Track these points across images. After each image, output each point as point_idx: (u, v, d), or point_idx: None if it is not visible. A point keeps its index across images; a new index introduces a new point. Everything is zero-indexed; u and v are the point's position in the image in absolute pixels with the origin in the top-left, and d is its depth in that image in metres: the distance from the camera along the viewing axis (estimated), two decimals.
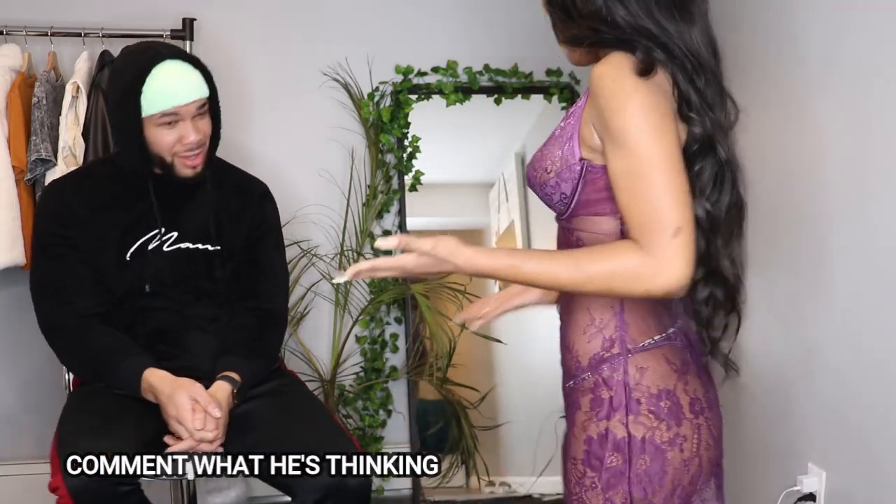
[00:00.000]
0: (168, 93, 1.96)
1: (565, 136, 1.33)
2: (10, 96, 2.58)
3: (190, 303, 2.10)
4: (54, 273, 2.03)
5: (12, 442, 2.90)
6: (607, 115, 1.23)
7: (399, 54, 3.01)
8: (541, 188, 1.36)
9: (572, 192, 1.32)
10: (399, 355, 3.03)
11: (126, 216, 2.07)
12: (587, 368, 1.35)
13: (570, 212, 1.34)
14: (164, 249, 2.08)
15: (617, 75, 1.23)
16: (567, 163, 1.31)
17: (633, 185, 1.22)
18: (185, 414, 1.89)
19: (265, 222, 2.22)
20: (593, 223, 1.33)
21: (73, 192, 2.07)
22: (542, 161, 1.35)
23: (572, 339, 1.38)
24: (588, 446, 1.34)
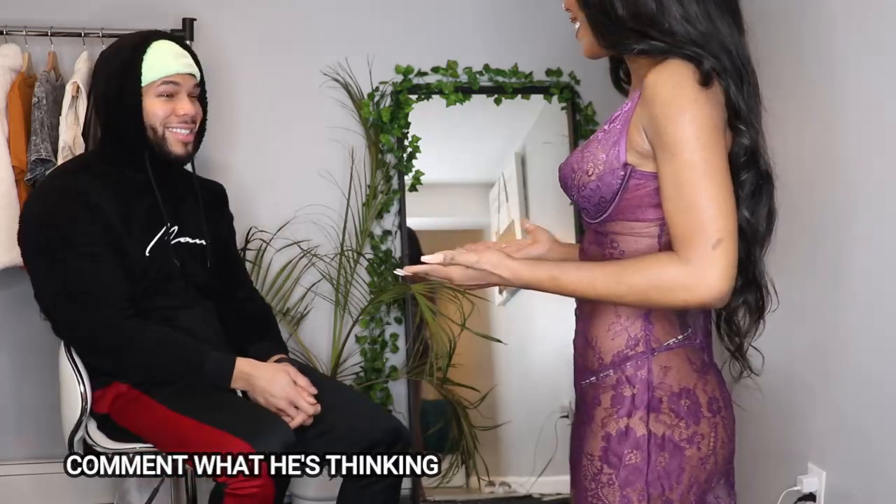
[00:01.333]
0: (168, 62, 2.06)
1: (610, 139, 1.32)
2: (10, 96, 2.58)
3: (193, 298, 2.15)
4: (94, 274, 1.98)
5: (12, 442, 2.90)
6: (662, 122, 1.24)
7: (399, 54, 3.01)
8: (578, 190, 1.35)
9: (612, 197, 1.31)
10: (399, 355, 3.03)
11: (139, 212, 2.07)
12: (610, 365, 1.36)
13: (608, 216, 1.33)
14: (171, 243, 2.10)
15: (676, 83, 1.24)
16: (611, 166, 1.30)
17: (679, 194, 1.23)
18: (295, 393, 2.02)
19: (231, 221, 2.38)
20: (631, 228, 1.33)
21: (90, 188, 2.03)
22: (582, 163, 1.34)
23: (595, 336, 1.39)
24: (607, 443, 1.35)
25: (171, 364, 2.02)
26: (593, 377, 1.39)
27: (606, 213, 1.33)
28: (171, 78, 2.05)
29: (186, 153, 2.12)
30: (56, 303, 2.03)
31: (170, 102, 2.07)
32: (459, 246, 1.43)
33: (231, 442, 1.86)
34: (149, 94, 2.05)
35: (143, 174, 2.10)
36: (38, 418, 2.85)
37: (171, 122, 2.07)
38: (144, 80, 2.04)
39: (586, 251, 1.43)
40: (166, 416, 1.99)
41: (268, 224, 2.92)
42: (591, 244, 1.40)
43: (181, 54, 2.10)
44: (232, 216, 2.39)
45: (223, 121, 2.84)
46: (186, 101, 2.09)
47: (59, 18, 2.73)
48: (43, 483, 2.87)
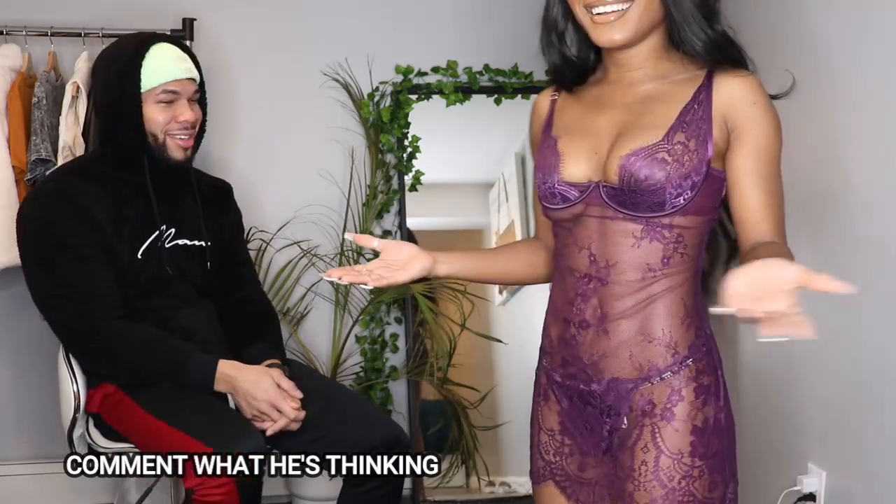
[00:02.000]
0: (167, 67, 2.04)
1: (697, 139, 1.35)
2: (10, 96, 2.58)
3: (193, 298, 2.15)
4: (85, 276, 2.00)
5: (12, 442, 2.90)
6: (763, 122, 1.35)
7: (399, 54, 3.01)
8: (660, 184, 1.34)
9: (694, 193, 1.34)
10: (399, 355, 3.03)
11: (131, 214, 2.08)
12: (688, 356, 1.38)
13: (680, 209, 1.35)
14: (167, 246, 2.10)
15: (761, 86, 1.37)
16: (696, 167, 1.34)
17: (773, 188, 1.35)
18: (278, 397, 2.00)
19: (238, 220, 2.35)
20: (695, 221, 1.37)
21: (82, 191, 2.04)
22: (667, 162, 1.34)
23: (665, 329, 1.38)
24: (696, 436, 1.37)
25: (155, 365, 2.02)
26: (666, 373, 1.38)
27: (680, 206, 1.34)
28: (170, 85, 2.04)
29: (186, 158, 2.12)
30: (45, 303, 2.04)
31: (170, 108, 2.06)
32: (459, 246, 1.45)
33: (198, 448, 1.87)
34: (148, 101, 2.04)
35: (140, 176, 2.10)
36: (37, 418, 2.85)
37: (172, 129, 2.07)
38: (144, 87, 2.03)
39: (616, 247, 1.39)
40: (144, 419, 2.00)
41: (268, 224, 2.92)
42: (649, 238, 1.37)
43: (180, 58, 2.08)
44: (239, 214, 2.37)
45: (223, 121, 2.84)
46: (186, 108, 2.08)
47: (58, 18, 2.72)
48: (43, 483, 2.87)
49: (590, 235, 1.41)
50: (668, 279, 1.37)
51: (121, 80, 2.03)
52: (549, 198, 1.43)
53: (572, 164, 1.41)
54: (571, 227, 1.44)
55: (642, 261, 1.37)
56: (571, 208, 1.41)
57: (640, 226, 1.36)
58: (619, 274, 1.38)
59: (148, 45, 2.05)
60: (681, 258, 1.37)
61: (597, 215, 1.40)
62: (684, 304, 1.39)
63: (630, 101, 1.41)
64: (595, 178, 1.40)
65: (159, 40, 2.08)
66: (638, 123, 1.38)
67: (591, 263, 1.40)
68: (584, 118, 1.45)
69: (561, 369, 1.47)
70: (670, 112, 1.36)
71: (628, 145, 1.36)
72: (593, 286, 1.40)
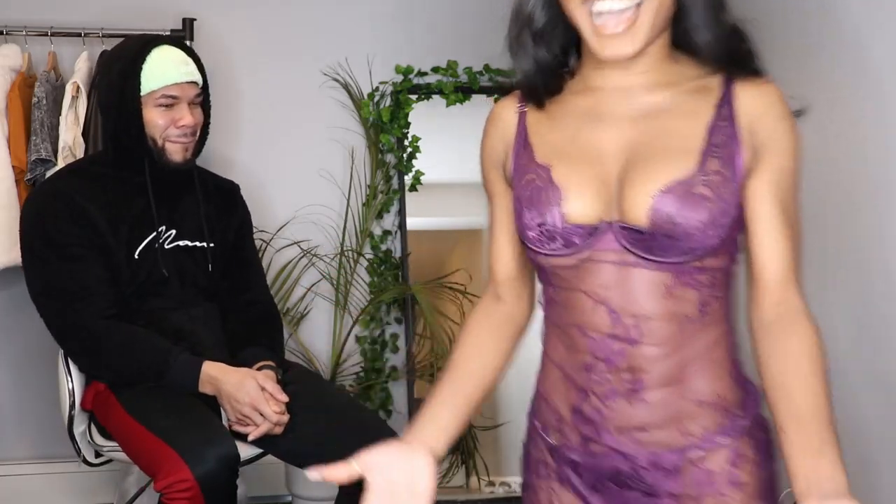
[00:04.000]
0: (168, 71, 2.03)
1: (731, 166, 1.12)
2: (10, 96, 2.58)
3: (193, 300, 2.15)
4: (74, 274, 2.01)
5: (13, 442, 2.90)
6: (792, 139, 1.14)
7: (399, 54, 3.01)
8: (702, 227, 1.10)
9: (730, 231, 1.12)
10: (399, 355, 3.03)
11: (129, 215, 2.08)
12: (741, 414, 1.19)
13: (716, 247, 1.12)
14: (166, 247, 2.10)
15: (784, 102, 1.15)
16: (733, 200, 1.12)
17: (791, 218, 1.13)
18: (262, 400, 1.98)
19: (245, 220, 2.33)
20: (726, 260, 1.16)
21: (78, 191, 2.06)
22: (707, 199, 1.10)
23: (715, 388, 1.17)
24: (765, 499, 1.23)
25: (136, 366, 2.02)
26: (722, 437, 1.17)
27: (714, 247, 1.11)
28: (170, 89, 2.04)
29: (185, 160, 2.11)
30: (39, 301, 2.06)
31: (170, 112, 2.05)
32: (459, 246, 1.37)
33: (167, 453, 1.87)
34: (148, 104, 2.04)
35: (141, 177, 2.10)
36: (39, 418, 2.85)
37: (171, 134, 2.06)
38: (143, 90, 2.03)
39: (644, 300, 1.14)
40: (124, 419, 2.01)
41: (268, 224, 2.92)
42: (673, 287, 1.13)
43: (182, 61, 2.07)
44: (247, 214, 2.35)
45: (223, 121, 2.84)
46: (186, 112, 2.06)
47: (58, 18, 2.73)
48: (44, 483, 2.87)
49: (604, 286, 1.15)
50: (708, 329, 1.16)
51: (121, 83, 2.03)
52: (544, 242, 1.16)
53: (577, 200, 1.14)
54: (574, 275, 1.17)
55: (678, 312, 1.14)
56: (578, 254, 1.15)
57: (670, 273, 1.13)
58: (653, 331, 1.13)
59: (149, 47, 2.04)
60: (717, 302, 1.16)
61: (611, 261, 1.14)
62: (728, 354, 1.18)
63: (635, 115, 1.16)
64: (607, 217, 1.13)
65: (162, 43, 2.07)
66: (656, 146, 1.13)
67: (614, 321, 1.14)
68: (577, 138, 1.18)
69: (581, 449, 1.20)
70: (694, 131, 1.13)
71: (656, 178, 1.10)
72: (620, 348, 1.14)
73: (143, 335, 2.03)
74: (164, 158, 2.08)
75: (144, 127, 2.04)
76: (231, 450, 1.91)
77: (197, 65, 2.11)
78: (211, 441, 1.90)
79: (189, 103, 2.08)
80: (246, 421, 2.00)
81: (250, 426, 1.99)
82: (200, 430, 1.93)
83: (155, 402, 2.00)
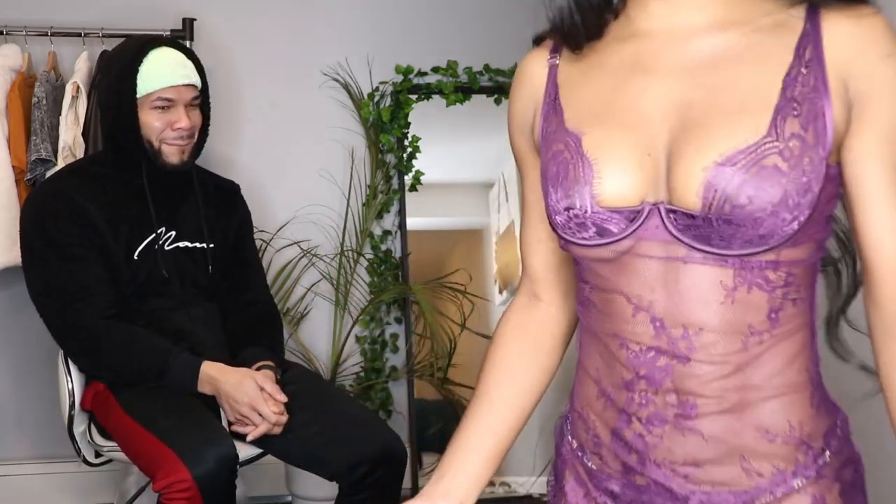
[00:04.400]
0: (164, 74, 2.03)
1: (815, 126, 0.86)
2: (10, 96, 2.58)
3: (193, 300, 2.15)
4: (74, 274, 2.01)
5: (13, 442, 2.90)
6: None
7: (399, 54, 3.01)
8: (772, 208, 0.85)
9: (812, 212, 0.86)
10: (399, 355, 3.03)
11: (129, 215, 2.08)
12: (825, 448, 0.96)
13: (791, 239, 0.87)
14: (167, 248, 2.10)
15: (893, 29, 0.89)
16: (817, 171, 0.86)
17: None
18: (260, 400, 1.97)
19: (246, 220, 2.34)
20: (808, 251, 0.91)
21: (78, 191, 2.06)
22: (781, 172, 0.85)
23: (790, 418, 0.94)
24: None
25: (136, 366, 2.02)
26: (799, 479, 0.95)
27: (792, 234, 0.86)
28: (166, 91, 2.03)
29: (182, 162, 2.10)
30: (39, 301, 2.06)
31: (166, 114, 2.04)
32: (459, 246, 1.09)
33: (165, 454, 1.87)
34: (144, 107, 2.04)
35: (140, 178, 2.10)
36: (39, 418, 2.85)
37: (168, 136, 2.06)
38: (139, 93, 2.02)
39: (697, 305, 0.91)
40: (122, 419, 2.01)
41: (268, 224, 2.92)
42: (735, 289, 0.90)
43: (180, 64, 2.06)
44: (248, 214, 2.35)
45: (223, 121, 2.84)
46: (183, 114, 2.06)
47: (59, 18, 2.73)
48: (44, 483, 2.87)
49: (648, 286, 0.92)
50: (781, 343, 0.92)
51: (118, 84, 2.03)
52: (574, 230, 0.93)
53: (614, 177, 0.91)
54: (612, 271, 0.94)
55: (740, 321, 0.90)
56: (615, 245, 0.92)
57: (732, 269, 0.89)
58: (707, 346, 0.91)
59: (147, 49, 2.03)
60: (793, 307, 0.92)
61: (658, 255, 0.91)
62: (809, 374, 0.95)
63: (691, 66, 0.91)
64: (652, 197, 0.90)
65: (161, 45, 2.07)
66: (715, 105, 0.88)
67: (658, 331, 0.92)
68: (616, 96, 0.94)
69: (622, 479, 0.99)
70: (766, 82, 0.87)
71: (713, 145, 0.86)
72: (665, 365, 0.93)
73: (143, 335, 2.03)
74: (161, 160, 2.08)
75: (140, 129, 2.04)
76: (230, 450, 1.91)
77: (197, 67, 2.11)
78: (210, 441, 1.90)
79: (186, 106, 2.07)
80: (245, 421, 2.00)
81: (249, 426, 1.99)
82: (199, 431, 1.93)
83: (154, 402, 2.00)
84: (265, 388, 2.00)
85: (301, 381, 2.15)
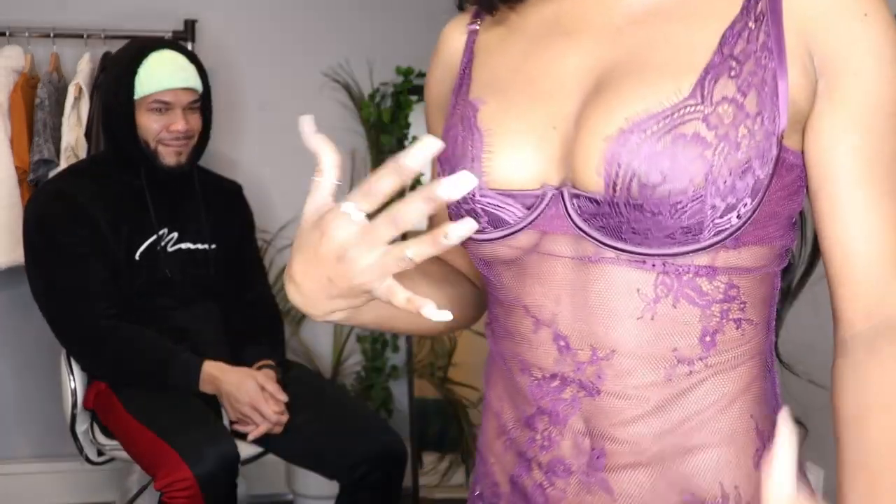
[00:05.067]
0: (162, 76, 2.03)
1: (760, 91, 0.67)
2: (12, 97, 2.59)
3: (196, 300, 2.16)
4: (76, 275, 2.02)
5: (16, 441, 2.91)
6: (885, 51, 0.68)
7: (399, 55, 3.02)
8: (694, 191, 0.66)
9: (757, 202, 0.68)
10: (400, 355, 3.04)
11: (130, 216, 2.09)
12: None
13: (733, 236, 0.68)
14: (169, 250, 2.11)
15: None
16: (762, 148, 0.67)
17: (890, 184, 0.70)
18: (261, 399, 1.99)
19: (248, 220, 2.35)
20: (760, 256, 0.72)
21: (81, 191, 2.07)
22: (705, 142, 0.66)
23: (724, 480, 0.74)
24: None
25: (137, 366, 2.04)
26: None
27: (732, 231, 0.68)
28: (162, 95, 2.04)
29: (179, 164, 2.11)
30: (41, 301, 2.07)
31: (163, 117, 2.05)
32: None
33: (167, 453, 1.89)
34: (141, 108, 2.05)
35: (141, 180, 2.11)
36: (42, 417, 2.86)
37: (164, 138, 2.07)
38: (136, 94, 2.03)
39: (610, 320, 0.71)
40: (124, 418, 2.03)
41: (269, 224, 2.93)
42: (657, 301, 0.70)
43: (180, 68, 2.06)
44: (250, 214, 2.37)
45: (225, 121, 2.85)
46: (179, 118, 2.06)
47: (61, 20, 2.74)
48: (46, 482, 2.88)
49: (552, 295, 0.73)
50: (718, 377, 0.73)
51: (117, 87, 2.05)
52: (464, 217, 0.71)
53: (508, 152, 0.73)
54: (514, 277, 0.76)
55: (663, 344, 0.71)
56: (512, 239, 0.73)
57: (654, 274, 0.70)
58: (620, 375, 0.72)
59: (147, 51, 2.04)
60: (737, 331, 0.73)
61: (566, 254, 0.72)
62: (754, 421, 0.77)
63: (618, 24, 0.74)
64: (556, 180, 0.72)
65: (164, 47, 2.07)
66: (637, 63, 0.71)
67: (563, 353, 0.73)
68: (528, 60, 0.77)
69: None
70: (701, 37, 0.70)
71: (619, 110, 0.68)
72: (571, 398, 0.73)
73: (145, 335, 2.04)
74: (157, 162, 2.08)
75: (138, 130, 2.05)
76: (231, 449, 1.92)
77: (199, 71, 2.11)
78: (211, 440, 1.91)
79: (184, 109, 2.07)
80: (246, 420, 2.01)
81: (250, 426, 2.01)
82: (200, 430, 1.94)
83: (155, 401, 2.01)
84: (266, 388, 2.01)
85: (302, 381, 2.17)
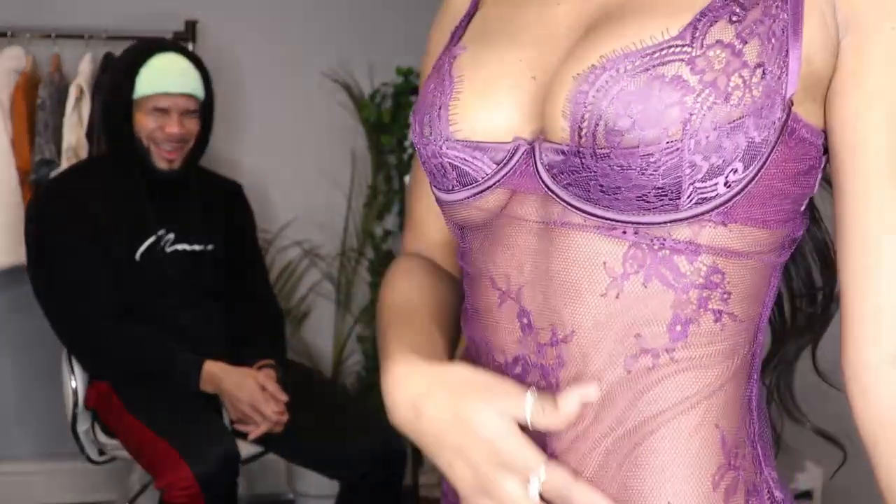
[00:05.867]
0: (161, 80, 2.03)
1: (763, 42, 0.58)
2: (14, 98, 2.60)
3: (197, 300, 2.17)
4: (77, 275, 2.03)
5: (16, 440, 2.92)
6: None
7: (399, 56, 3.02)
8: (668, 140, 0.56)
9: (753, 169, 0.58)
10: None
11: (131, 216, 2.10)
12: None
13: (720, 207, 0.59)
14: (167, 250, 2.12)
15: None
16: (760, 104, 0.57)
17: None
18: (261, 399, 1.99)
19: (248, 220, 2.35)
20: (754, 240, 0.62)
21: (82, 191, 2.08)
22: (686, 85, 0.57)
23: (674, 500, 0.63)
24: None
25: (138, 365, 2.04)
26: None
27: (720, 200, 0.58)
28: (160, 98, 2.04)
29: (171, 169, 2.11)
30: (42, 301, 2.08)
31: (160, 118, 2.05)
32: None
33: (168, 452, 1.90)
34: (140, 109, 2.05)
35: (140, 180, 2.12)
36: (43, 416, 2.87)
37: (157, 138, 2.07)
38: (136, 95, 2.04)
39: (571, 294, 0.62)
40: (126, 417, 2.03)
41: (270, 224, 2.93)
42: (625, 277, 0.61)
43: (181, 72, 2.06)
44: (251, 214, 2.37)
45: (225, 122, 2.85)
46: (175, 121, 2.06)
47: (62, 21, 2.74)
48: (48, 481, 2.89)
49: (517, 263, 0.65)
50: (684, 374, 0.62)
51: (118, 85, 2.05)
52: (436, 175, 0.68)
53: (478, 99, 0.66)
54: (482, 243, 0.68)
55: (626, 327, 0.62)
56: (480, 199, 0.66)
57: (624, 245, 0.61)
58: (580, 359, 0.63)
59: (151, 53, 2.05)
60: (716, 324, 0.63)
61: (532, 217, 0.64)
62: (720, 432, 0.64)
63: None
64: (528, 132, 0.64)
65: (168, 50, 2.08)
66: (632, 8, 0.62)
67: (525, 332, 0.65)
68: (519, 9, 0.71)
69: None
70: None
71: (595, 49, 0.61)
72: (534, 383, 0.65)
73: (146, 335, 2.05)
74: (149, 163, 2.09)
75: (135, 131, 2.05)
76: (231, 449, 1.92)
77: (203, 77, 2.11)
78: (211, 440, 1.92)
79: (181, 114, 2.07)
80: (246, 420, 2.02)
81: (251, 425, 2.01)
82: (201, 429, 1.95)
83: (156, 401, 2.02)
84: (266, 388, 2.02)
85: (302, 380, 2.17)
